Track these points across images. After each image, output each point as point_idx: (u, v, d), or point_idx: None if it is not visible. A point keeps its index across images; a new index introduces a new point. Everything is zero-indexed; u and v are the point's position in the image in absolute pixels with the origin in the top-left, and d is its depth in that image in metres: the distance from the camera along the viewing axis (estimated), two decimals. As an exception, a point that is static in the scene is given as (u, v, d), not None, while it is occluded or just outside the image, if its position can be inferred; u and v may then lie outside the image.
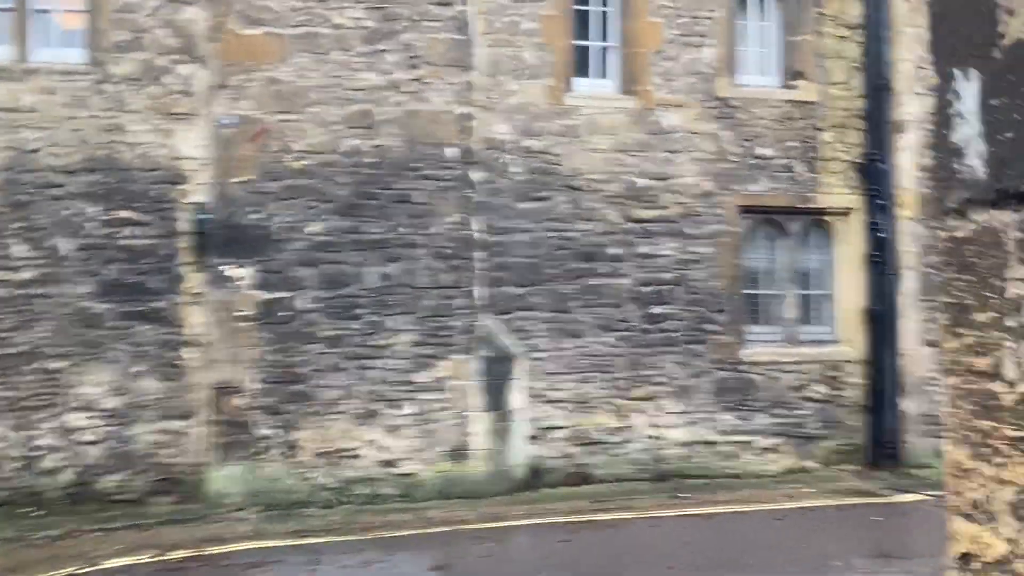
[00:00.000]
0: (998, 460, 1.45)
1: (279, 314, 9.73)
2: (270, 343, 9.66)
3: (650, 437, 11.00)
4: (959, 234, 1.62)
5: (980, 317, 1.53)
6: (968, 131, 1.56)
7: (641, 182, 11.09)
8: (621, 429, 10.95)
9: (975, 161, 1.53)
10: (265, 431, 9.57)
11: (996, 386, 1.47)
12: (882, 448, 11.60)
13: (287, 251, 9.76)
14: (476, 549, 8.05)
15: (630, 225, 11.05)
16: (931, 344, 11.87)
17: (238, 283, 9.61)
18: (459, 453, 10.08)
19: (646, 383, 11.03)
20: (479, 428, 10.13)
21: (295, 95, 9.81)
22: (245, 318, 9.59)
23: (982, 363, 1.51)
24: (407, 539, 8.39)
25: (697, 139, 11.27)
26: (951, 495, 1.60)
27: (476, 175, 10.33)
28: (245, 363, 9.55)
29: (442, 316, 10.13)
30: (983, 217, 1.53)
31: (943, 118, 1.67)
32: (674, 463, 11.06)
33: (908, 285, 11.80)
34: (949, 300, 1.70)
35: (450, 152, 10.12)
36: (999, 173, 1.48)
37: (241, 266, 9.60)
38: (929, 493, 10.40)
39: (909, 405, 11.73)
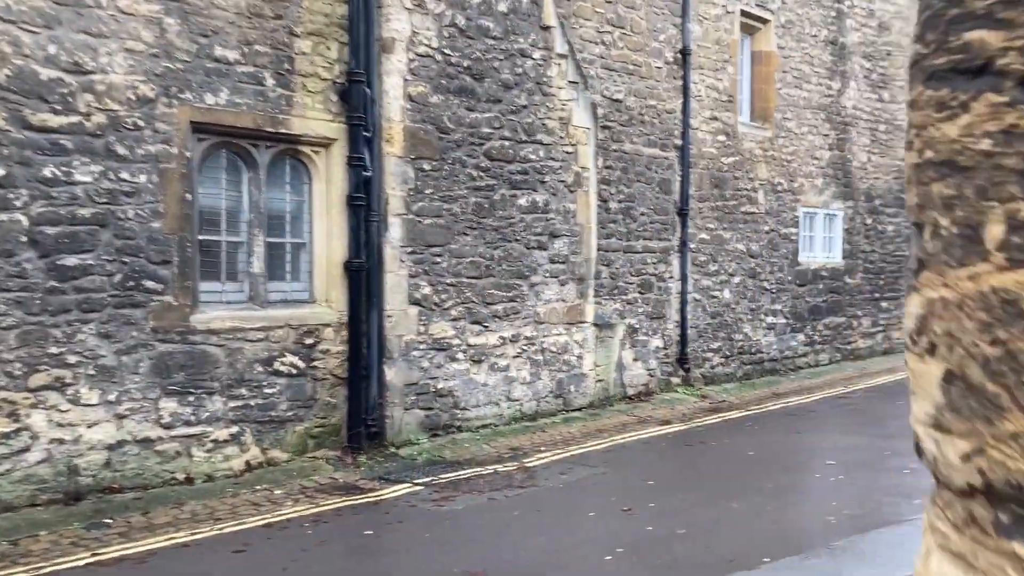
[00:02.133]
0: None
1: None
2: None
3: (58, 441, 7.50)
4: None
5: None
6: None
7: (46, 72, 7.39)
8: (12, 435, 7.26)
9: None
10: None
11: None
12: (364, 426, 9.52)
13: None
14: None
15: (27, 135, 7.30)
16: (418, 303, 10.09)
17: None
18: None
19: (53, 366, 7.47)
20: None
21: None
22: None
23: None
24: None
25: (133, 23, 7.86)
26: None
27: None
28: None
29: None
30: None
31: None
32: (96, 474, 7.70)
33: (394, 234, 9.83)
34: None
35: None
36: None
37: None
38: (419, 481, 8.55)
39: (393, 373, 9.83)
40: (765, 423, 11.72)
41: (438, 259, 10.23)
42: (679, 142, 13.90)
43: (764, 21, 15.43)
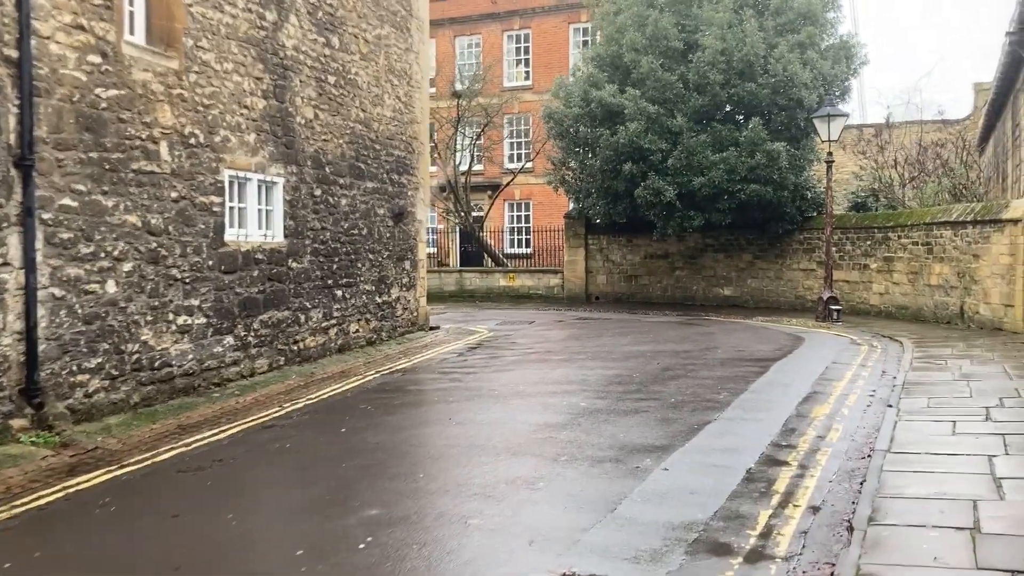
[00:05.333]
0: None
1: None
2: None
3: None
4: None
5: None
6: None
7: None
8: None
9: None
10: None
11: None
12: None
13: None
14: None
15: None
16: None
17: None
18: None
19: None
20: None
21: None
22: None
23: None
24: None
25: None
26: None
27: None
28: None
29: None
30: None
31: None
32: None
33: None
34: None
35: None
36: None
37: None
38: None
39: None
40: (139, 497, 7.32)
41: None
42: (13, 53, 8.76)
43: (165, -95, 10.86)
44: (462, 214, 32.50)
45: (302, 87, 14.07)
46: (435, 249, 37.94)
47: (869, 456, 7.75)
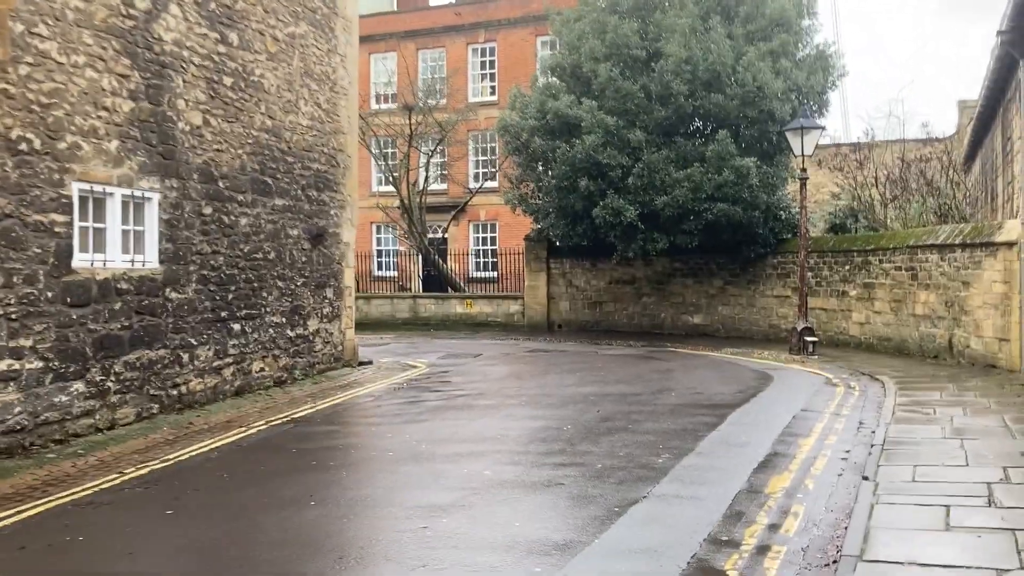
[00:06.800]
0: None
1: None
2: None
3: None
4: None
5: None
6: None
7: None
8: None
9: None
10: None
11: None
12: None
13: None
14: None
15: None
16: None
17: None
18: None
19: None
20: None
21: None
22: None
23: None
24: None
25: None
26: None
27: None
28: None
29: None
30: None
31: None
32: None
33: None
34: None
35: None
36: None
37: None
38: None
39: None
40: None
41: None
42: None
43: None
44: (417, 236, 30.47)
45: (187, 88, 12.05)
46: (396, 273, 35.95)
47: (835, 562, 5.73)
